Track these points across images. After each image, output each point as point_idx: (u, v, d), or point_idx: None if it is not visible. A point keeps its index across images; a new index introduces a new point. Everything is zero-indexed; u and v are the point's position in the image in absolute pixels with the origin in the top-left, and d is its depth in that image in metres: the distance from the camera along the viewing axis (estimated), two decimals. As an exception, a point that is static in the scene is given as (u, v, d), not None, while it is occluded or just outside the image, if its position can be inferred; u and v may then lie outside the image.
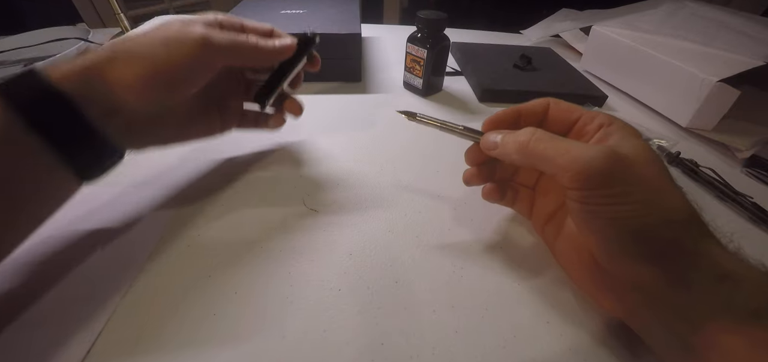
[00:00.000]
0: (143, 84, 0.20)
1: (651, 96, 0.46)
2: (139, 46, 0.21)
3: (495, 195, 0.25)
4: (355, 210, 0.28)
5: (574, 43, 0.65)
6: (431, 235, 0.26)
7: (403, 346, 0.19)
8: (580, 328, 0.21)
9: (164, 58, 0.21)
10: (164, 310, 0.20)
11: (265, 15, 0.48)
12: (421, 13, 0.40)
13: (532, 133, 0.19)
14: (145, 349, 0.19)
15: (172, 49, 0.21)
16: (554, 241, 0.23)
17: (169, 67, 0.21)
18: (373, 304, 0.21)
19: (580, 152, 0.17)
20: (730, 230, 0.18)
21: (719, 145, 0.39)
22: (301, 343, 0.19)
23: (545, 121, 0.23)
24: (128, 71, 0.20)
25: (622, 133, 0.19)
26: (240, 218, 0.26)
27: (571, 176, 0.17)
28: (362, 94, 0.45)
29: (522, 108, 0.23)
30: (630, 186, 0.16)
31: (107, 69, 0.20)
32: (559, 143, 0.18)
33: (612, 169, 0.16)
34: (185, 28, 0.22)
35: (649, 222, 0.16)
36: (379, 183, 0.31)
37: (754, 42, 0.40)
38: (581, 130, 0.21)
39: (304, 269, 0.23)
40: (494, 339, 0.20)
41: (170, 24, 0.22)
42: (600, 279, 0.20)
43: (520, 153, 0.20)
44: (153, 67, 0.21)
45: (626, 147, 0.18)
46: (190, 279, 0.22)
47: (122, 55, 0.20)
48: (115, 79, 0.20)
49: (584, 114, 0.22)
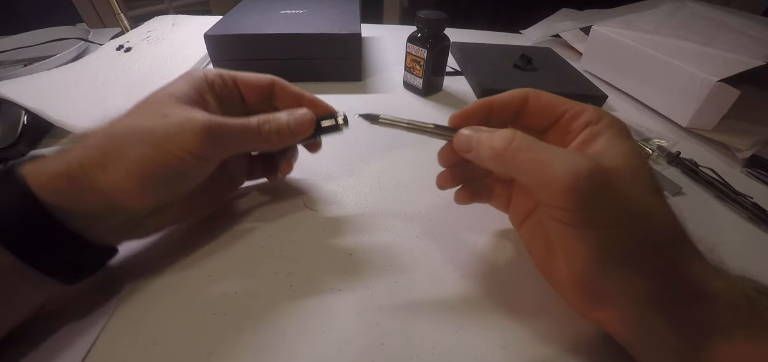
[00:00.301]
0: (141, 188, 0.18)
1: (651, 96, 0.46)
2: (135, 139, 0.18)
3: (465, 198, 0.24)
4: (355, 211, 0.28)
5: (574, 43, 0.64)
6: (431, 235, 0.26)
7: (403, 346, 0.19)
8: (581, 328, 0.21)
9: (163, 154, 0.18)
10: (163, 311, 0.20)
11: (265, 15, 0.48)
12: (421, 13, 0.40)
13: (510, 140, 0.17)
14: (145, 344, 0.19)
15: (172, 144, 0.18)
16: (530, 242, 0.23)
17: (169, 166, 0.18)
18: (373, 304, 0.21)
19: (562, 169, 0.15)
20: (712, 241, 0.17)
21: (719, 145, 0.39)
22: (301, 343, 0.19)
23: (524, 115, 0.21)
24: (123, 175, 0.17)
25: (610, 133, 0.18)
26: (239, 220, 0.26)
27: (550, 195, 0.16)
28: (362, 94, 0.45)
29: (495, 100, 0.21)
30: (613, 208, 0.15)
31: (99, 174, 0.17)
32: (538, 154, 0.16)
33: (595, 191, 0.15)
34: (186, 117, 0.19)
35: (630, 246, 0.15)
36: (379, 183, 0.31)
37: (754, 42, 0.40)
38: (567, 126, 0.20)
39: (304, 269, 0.23)
40: (494, 339, 0.20)
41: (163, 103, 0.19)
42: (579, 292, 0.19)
43: (495, 161, 0.18)
44: (152, 167, 0.18)
45: (613, 154, 0.17)
46: (188, 279, 0.22)
47: (115, 156, 0.17)
48: (109, 186, 0.17)
49: (570, 108, 0.20)
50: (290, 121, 0.22)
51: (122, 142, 0.18)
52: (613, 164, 0.16)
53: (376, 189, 0.30)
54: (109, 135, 0.18)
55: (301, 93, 0.25)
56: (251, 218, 0.26)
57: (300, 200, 0.28)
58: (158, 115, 0.19)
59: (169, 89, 0.20)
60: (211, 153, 0.20)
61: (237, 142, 0.21)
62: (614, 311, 0.18)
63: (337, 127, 0.25)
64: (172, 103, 0.19)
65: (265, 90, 0.25)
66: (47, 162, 0.17)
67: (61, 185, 0.16)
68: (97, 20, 1.11)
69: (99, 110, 0.36)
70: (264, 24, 0.45)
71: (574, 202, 0.15)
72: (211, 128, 0.19)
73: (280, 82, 0.25)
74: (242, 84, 0.24)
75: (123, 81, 0.43)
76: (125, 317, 0.20)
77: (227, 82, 0.23)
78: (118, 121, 0.19)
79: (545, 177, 0.16)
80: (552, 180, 0.16)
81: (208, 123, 0.19)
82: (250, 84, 0.24)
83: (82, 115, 0.35)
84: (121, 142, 0.18)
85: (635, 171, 0.16)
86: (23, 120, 0.32)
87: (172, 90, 0.20)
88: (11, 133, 0.31)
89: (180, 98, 0.20)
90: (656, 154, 0.36)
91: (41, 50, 0.53)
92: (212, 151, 0.20)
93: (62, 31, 0.56)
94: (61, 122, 0.33)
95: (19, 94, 0.33)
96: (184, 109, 0.19)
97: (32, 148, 0.33)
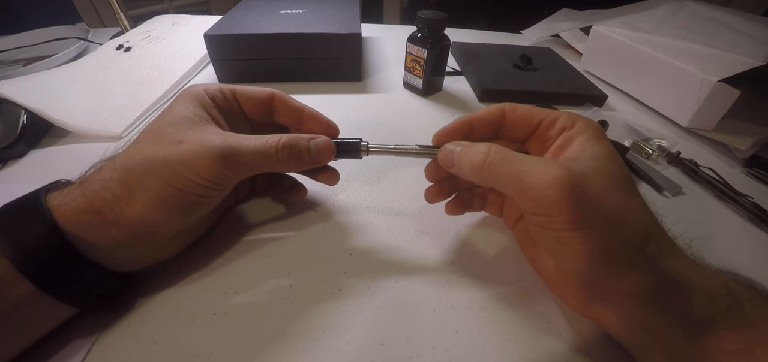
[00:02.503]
0: (167, 215, 0.18)
1: (651, 96, 0.46)
2: (155, 170, 0.18)
3: (457, 209, 0.25)
4: (355, 211, 0.28)
5: (574, 43, 0.64)
6: (432, 235, 0.26)
7: (403, 346, 0.19)
8: (581, 328, 0.21)
9: (184, 183, 0.18)
10: (163, 311, 0.20)
11: (265, 14, 0.48)
12: (421, 13, 0.40)
13: (486, 155, 0.18)
14: (145, 343, 0.19)
15: (191, 173, 0.18)
16: (522, 242, 0.23)
17: (190, 193, 0.18)
18: (373, 304, 0.21)
19: (535, 179, 0.16)
20: (689, 237, 0.18)
21: (719, 145, 0.39)
22: (301, 343, 0.19)
23: (503, 128, 0.22)
24: (149, 205, 0.17)
25: (583, 137, 0.18)
26: (239, 219, 0.26)
27: (527, 204, 0.17)
28: (362, 94, 0.45)
29: (474, 118, 0.22)
30: (585, 211, 0.16)
31: (124, 208, 0.17)
32: (513, 166, 0.17)
33: (566, 198, 0.16)
34: (201, 143, 0.18)
35: (607, 246, 0.16)
36: (379, 182, 0.31)
37: (754, 42, 0.40)
38: (543, 135, 0.21)
39: (305, 269, 0.23)
40: (494, 339, 0.20)
41: (176, 127, 0.19)
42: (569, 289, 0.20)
43: (475, 175, 0.19)
44: (174, 195, 0.18)
45: (586, 157, 0.17)
46: (188, 279, 0.22)
47: (138, 188, 0.17)
48: (136, 218, 0.17)
49: (545, 117, 0.20)
50: (311, 147, 0.22)
51: (142, 173, 0.18)
52: (584, 167, 0.17)
53: (376, 189, 0.30)
54: (128, 167, 0.18)
55: (301, 107, 0.24)
56: (251, 218, 0.26)
57: (300, 200, 0.28)
58: (173, 142, 0.18)
59: (177, 111, 0.20)
60: (228, 179, 0.20)
61: (253, 166, 0.20)
62: (607, 308, 0.18)
63: (356, 156, 0.24)
64: (184, 127, 0.19)
65: (265, 104, 0.24)
66: (70, 195, 0.17)
67: (87, 219, 0.17)
68: (96, 20, 1.11)
69: (99, 110, 0.36)
70: (264, 24, 0.45)
71: (548, 208, 0.16)
72: (226, 154, 0.19)
73: (280, 95, 0.24)
74: (242, 98, 0.24)
75: (123, 80, 0.43)
76: (125, 317, 0.20)
77: (227, 97, 0.23)
78: (134, 150, 0.19)
79: (520, 187, 0.17)
80: (527, 189, 0.17)
81: (224, 149, 0.19)
82: (250, 98, 0.24)
83: (82, 115, 0.35)
84: (141, 173, 0.18)
85: (606, 172, 0.17)
86: (23, 119, 0.32)
87: (181, 112, 0.20)
88: (11, 133, 0.31)
89: (191, 120, 0.20)
90: (656, 154, 0.36)
91: (41, 50, 0.53)
92: (229, 177, 0.20)
93: (62, 31, 0.55)
94: (60, 122, 0.33)
95: (19, 94, 0.33)
96: (197, 132, 0.19)
97: (32, 148, 0.33)
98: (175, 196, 0.18)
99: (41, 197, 0.17)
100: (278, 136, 0.21)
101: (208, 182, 0.18)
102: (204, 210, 0.20)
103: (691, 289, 0.16)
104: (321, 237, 0.25)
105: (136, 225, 0.18)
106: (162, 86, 0.42)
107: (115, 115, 0.36)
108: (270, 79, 0.46)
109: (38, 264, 0.16)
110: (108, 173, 0.18)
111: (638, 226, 0.16)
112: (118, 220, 0.17)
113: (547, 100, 0.44)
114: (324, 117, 0.25)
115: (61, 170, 0.21)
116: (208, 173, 0.18)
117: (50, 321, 0.18)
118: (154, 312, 0.20)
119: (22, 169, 0.31)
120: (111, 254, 0.18)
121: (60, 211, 0.16)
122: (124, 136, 0.35)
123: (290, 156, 0.21)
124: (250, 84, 0.24)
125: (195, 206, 0.19)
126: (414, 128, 0.39)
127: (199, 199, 0.19)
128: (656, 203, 0.31)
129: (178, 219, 0.19)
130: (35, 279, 0.16)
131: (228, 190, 0.21)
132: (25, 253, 0.15)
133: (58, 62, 0.47)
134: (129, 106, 0.38)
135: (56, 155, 0.32)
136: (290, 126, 0.25)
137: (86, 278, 0.17)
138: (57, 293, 0.16)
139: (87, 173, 0.19)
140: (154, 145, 0.18)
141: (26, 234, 0.16)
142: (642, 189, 0.32)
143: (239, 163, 0.19)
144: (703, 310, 0.16)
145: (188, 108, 0.20)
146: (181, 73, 0.45)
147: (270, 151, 0.20)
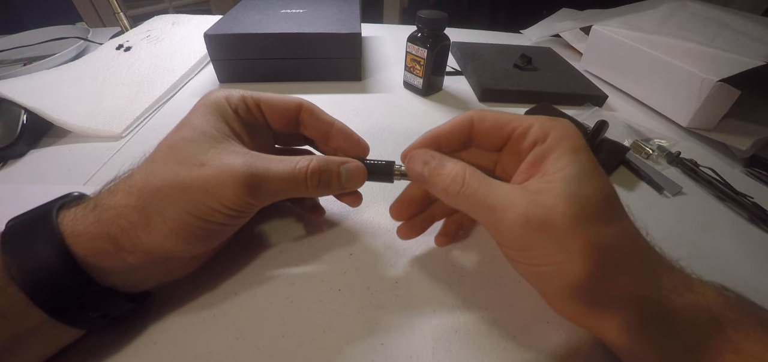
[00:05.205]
0: (186, 243, 0.17)
1: (651, 96, 0.46)
2: (174, 196, 0.16)
3: (446, 240, 0.24)
4: (355, 210, 0.28)
5: (574, 42, 0.64)
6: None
7: (403, 346, 0.19)
8: (581, 330, 0.21)
9: (206, 212, 0.17)
10: (163, 310, 0.20)
11: (266, 14, 0.48)
12: (421, 13, 0.40)
13: (461, 185, 0.17)
14: (145, 343, 0.19)
15: (214, 201, 0.17)
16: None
17: (212, 221, 0.17)
18: (373, 304, 0.21)
19: (502, 214, 0.16)
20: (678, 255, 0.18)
21: (719, 145, 0.39)
22: (301, 343, 0.19)
23: (474, 138, 0.20)
24: (167, 234, 0.16)
25: (557, 153, 0.17)
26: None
27: (495, 237, 0.18)
28: (362, 94, 0.45)
29: (441, 133, 0.20)
30: (556, 248, 0.15)
31: (141, 236, 0.16)
32: (482, 199, 0.16)
33: (533, 234, 0.15)
34: (225, 168, 0.17)
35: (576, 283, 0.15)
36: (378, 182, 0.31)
37: (754, 42, 0.40)
38: (515, 148, 0.19)
39: (304, 269, 0.23)
40: (494, 339, 0.20)
41: (198, 145, 0.18)
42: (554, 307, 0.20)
43: (449, 199, 0.18)
44: (196, 224, 0.17)
45: (557, 182, 0.16)
46: (188, 279, 0.22)
47: (156, 215, 0.16)
48: (154, 246, 0.17)
49: (517, 127, 0.19)
50: (342, 173, 0.20)
51: (161, 200, 0.16)
52: (554, 198, 0.15)
53: (375, 189, 0.30)
54: (146, 193, 0.17)
55: (331, 121, 0.22)
56: (251, 218, 0.26)
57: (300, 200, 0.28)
58: (194, 163, 0.17)
59: (197, 124, 0.18)
60: (252, 207, 0.19)
61: (279, 193, 0.19)
62: (596, 323, 0.17)
63: (388, 179, 0.22)
64: (205, 145, 0.18)
65: (292, 116, 0.22)
66: (83, 220, 0.16)
67: (102, 246, 0.16)
68: (96, 19, 1.11)
69: (99, 109, 0.36)
70: (264, 23, 0.45)
71: (516, 244, 0.16)
72: (251, 183, 0.17)
73: (309, 106, 0.22)
74: (267, 108, 0.22)
75: (123, 80, 0.43)
76: (125, 317, 0.20)
77: (251, 108, 0.21)
78: (151, 171, 0.17)
79: (489, 219, 0.17)
80: (496, 222, 0.16)
81: (248, 175, 0.17)
82: (276, 108, 0.22)
83: (82, 115, 0.35)
84: (159, 200, 0.16)
85: (580, 199, 0.15)
86: (23, 119, 0.32)
87: (201, 126, 0.18)
88: (11, 133, 0.31)
89: (212, 137, 0.18)
90: (656, 154, 0.36)
91: (41, 49, 0.53)
92: (254, 205, 0.19)
93: (62, 31, 0.55)
94: (60, 121, 0.33)
95: (19, 94, 0.33)
96: (219, 152, 0.18)
97: (32, 147, 0.33)
98: (195, 225, 0.17)
99: (53, 217, 0.16)
100: (307, 160, 0.19)
101: (231, 211, 0.17)
102: (224, 236, 0.20)
103: (673, 317, 0.15)
104: (321, 236, 0.25)
105: (154, 253, 0.17)
106: (162, 86, 0.42)
107: (115, 114, 0.36)
108: (270, 79, 0.46)
109: (51, 294, 0.15)
110: (124, 198, 0.17)
111: (614, 258, 0.15)
112: (135, 249, 0.16)
113: (547, 100, 0.44)
114: (355, 134, 0.23)
115: (61, 170, 0.21)
116: (232, 201, 0.17)
117: (59, 343, 0.17)
118: (154, 312, 0.20)
119: (22, 169, 0.31)
120: (125, 277, 0.17)
121: (74, 238, 0.16)
122: (123, 135, 0.35)
123: (319, 182, 0.19)
124: (250, 84, 0.24)
125: (215, 234, 0.19)
126: (413, 127, 0.39)
127: (220, 228, 0.18)
128: (656, 203, 0.31)
129: (197, 246, 0.18)
130: (47, 308, 0.15)
131: (250, 216, 0.20)
132: (38, 283, 0.15)
133: (58, 62, 0.47)
134: (129, 106, 0.38)
135: (56, 155, 0.32)
136: (317, 140, 0.24)
137: (100, 304, 0.17)
138: (69, 321, 0.16)
139: (101, 192, 0.18)
140: (173, 167, 0.17)
141: (38, 262, 0.15)
142: (642, 189, 0.32)
143: (265, 191, 0.18)
144: (684, 338, 0.15)
145: (209, 121, 0.19)
146: (181, 73, 0.45)
147: (299, 178, 0.19)
